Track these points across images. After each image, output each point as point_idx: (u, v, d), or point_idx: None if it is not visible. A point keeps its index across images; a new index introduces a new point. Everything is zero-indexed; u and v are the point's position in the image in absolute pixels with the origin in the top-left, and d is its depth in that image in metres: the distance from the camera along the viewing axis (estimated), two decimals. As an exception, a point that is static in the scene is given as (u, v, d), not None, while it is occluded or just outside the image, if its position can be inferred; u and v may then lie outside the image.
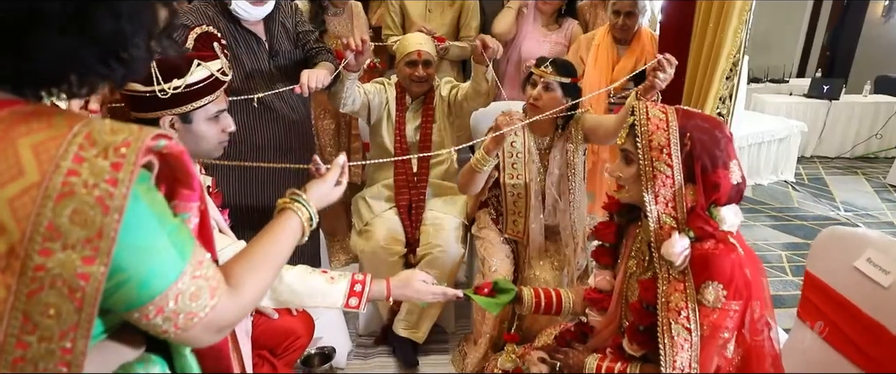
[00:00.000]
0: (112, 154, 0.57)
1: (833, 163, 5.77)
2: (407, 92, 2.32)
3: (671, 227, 1.23)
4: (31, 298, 0.56)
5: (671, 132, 1.21)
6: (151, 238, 0.63)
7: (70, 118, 0.59)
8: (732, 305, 1.18)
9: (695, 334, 1.19)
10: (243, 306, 0.77)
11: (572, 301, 1.56)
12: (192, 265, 0.67)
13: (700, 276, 1.19)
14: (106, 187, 0.56)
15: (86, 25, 0.59)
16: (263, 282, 0.83)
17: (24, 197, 0.55)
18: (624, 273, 1.40)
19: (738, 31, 1.82)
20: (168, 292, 0.64)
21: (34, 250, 0.55)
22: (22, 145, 0.56)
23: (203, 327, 0.69)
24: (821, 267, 1.44)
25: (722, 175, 1.21)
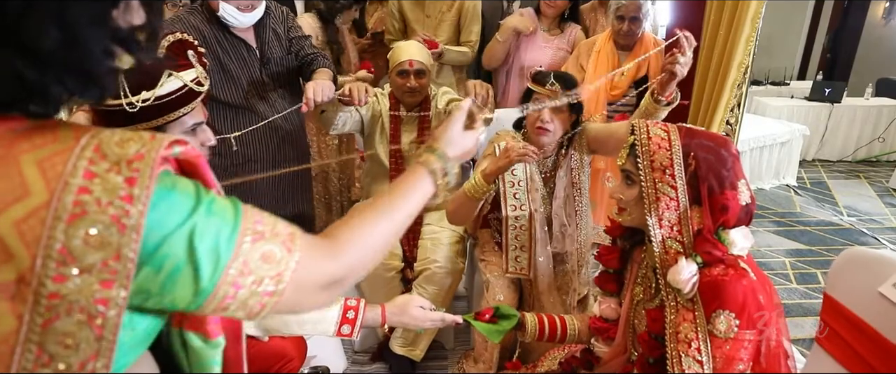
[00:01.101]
0: (125, 168, 0.52)
1: (835, 167, 5.72)
2: (401, 103, 2.24)
3: (677, 252, 1.16)
4: (46, 328, 0.50)
5: (674, 152, 1.15)
6: (189, 217, 0.56)
7: (77, 130, 0.54)
8: (746, 334, 1.10)
9: (707, 366, 1.12)
10: (350, 261, 0.69)
11: (578, 329, 1.47)
12: (246, 227, 0.60)
13: (710, 304, 1.11)
14: (121, 205, 0.51)
15: (24, 37, 0.51)
16: (375, 237, 0.73)
17: (31, 219, 0.49)
18: (630, 301, 1.32)
19: (750, 39, 1.74)
20: (232, 262, 0.58)
21: (47, 277, 0.50)
22: (25, 162, 0.51)
23: (296, 285, 0.62)
24: (841, 291, 1.36)
25: (730, 196, 1.14)
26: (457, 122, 0.96)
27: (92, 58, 0.55)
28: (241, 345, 0.75)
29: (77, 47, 0.53)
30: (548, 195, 1.90)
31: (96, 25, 0.55)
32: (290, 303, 0.63)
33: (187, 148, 0.58)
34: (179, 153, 0.57)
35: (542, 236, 1.86)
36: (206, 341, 0.69)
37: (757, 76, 6.59)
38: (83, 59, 0.54)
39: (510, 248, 1.86)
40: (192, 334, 0.68)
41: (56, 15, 0.51)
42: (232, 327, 0.74)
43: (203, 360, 0.69)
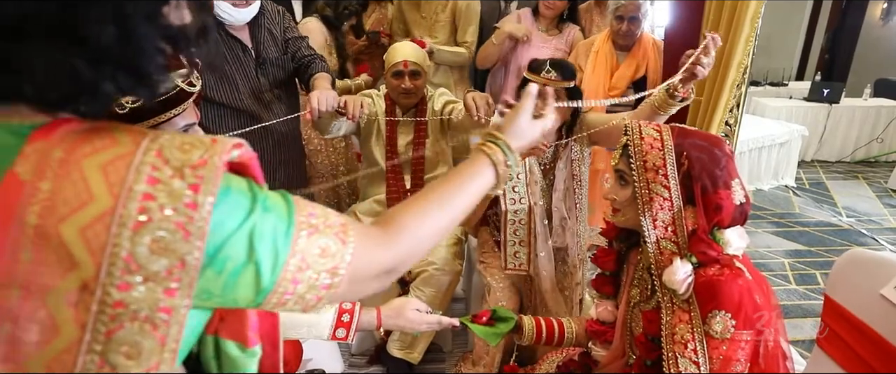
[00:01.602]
0: (189, 175, 0.51)
1: (834, 167, 5.72)
2: (397, 104, 2.22)
3: (672, 252, 1.15)
4: (110, 337, 0.49)
5: (666, 152, 1.14)
6: (248, 217, 0.55)
7: (133, 133, 0.53)
8: (743, 335, 1.09)
9: (704, 367, 1.11)
10: (403, 250, 0.68)
11: (575, 332, 1.46)
12: (301, 221, 0.59)
13: (706, 305, 1.10)
14: (186, 211, 0.50)
15: (82, 34, 0.50)
16: (430, 226, 0.72)
17: (96, 226, 0.48)
18: (626, 303, 1.31)
19: (750, 39, 1.73)
20: (291, 258, 0.57)
21: (112, 285, 0.49)
22: (88, 167, 0.50)
23: (352, 276, 0.62)
24: (842, 293, 1.35)
25: (724, 196, 1.13)
26: (524, 111, 0.92)
27: (145, 55, 0.54)
28: (279, 353, 0.73)
29: (131, 44, 0.53)
30: (547, 188, 1.88)
31: (149, 22, 0.54)
32: (344, 293, 0.63)
33: (243, 150, 0.57)
34: (237, 157, 0.56)
35: (543, 230, 1.83)
36: (243, 349, 0.67)
37: (755, 77, 6.59)
38: (136, 56, 0.54)
39: (509, 244, 1.84)
40: (229, 342, 0.67)
41: (112, 10, 0.51)
42: (270, 334, 0.72)
43: (239, 368, 0.67)
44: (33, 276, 0.48)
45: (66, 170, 0.49)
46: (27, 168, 0.49)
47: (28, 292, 0.48)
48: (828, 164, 5.81)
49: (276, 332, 0.73)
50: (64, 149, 0.50)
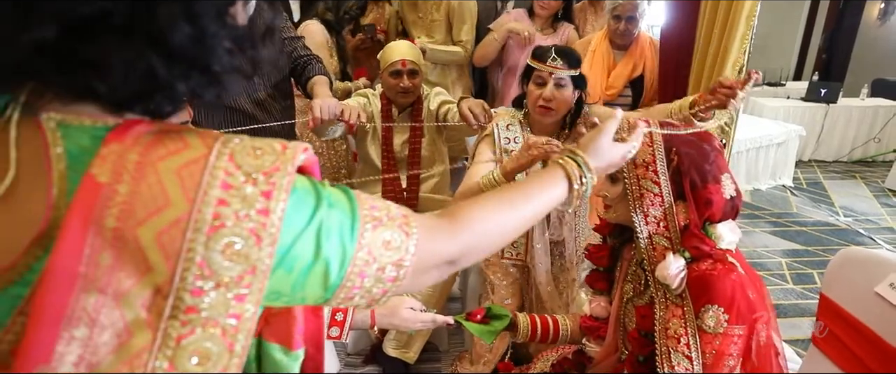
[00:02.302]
0: (262, 181, 0.52)
1: (831, 167, 5.73)
2: (393, 103, 2.21)
3: (664, 248, 1.15)
4: (180, 342, 0.49)
5: (656, 148, 1.14)
6: (314, 214, 0.56)
7: (203, 136, 0.53)
8: (735, 329, 1.10)
9: (696, 362, 1.11)
10: (465, 242, 0.69)
11: (570, 329, 1.46)
12: (364, 215, 0.60)
13: (699, 299, 1.10)
14: (258, 218, 0.51)
15: (155, 30, 0.50)
16: (495, 226, 0.73)
17: (172, 230, 0.48)
18: (620, 299, 1.31)
19: (745, 38, 1.73)
20: (356, 255, 0.58)
21: (185, 290, 0.49)
22: (164, 171, 0.50)
23: (417, 268, 0.62)
24: (838, 291, 1.35)
25: (713, 190, 1.13)
26: (607, 132, 0.93)
27: (215, 55, 0.54)
28: (322, 355, 0.72)
29: (204, 43, 0.53)
30: None
31: (218, 22, 0.54)
32: (409, 285, 0.63)
33: (309, 154, 0.58)
34: (303, 160, 0.56)
35: (540, 222, 1.81)
36: (287, 352, 0.66)
37: (753, 77, 6.59)
38: (208, 56, 0.54)
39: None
40: (273, 345, 0.66)
41: (182, 9, 0.51)
42: (314, 337, 0.71)
43: (282, 371, 0.67)
44: (110, 279, 0.48)
45: (143, 173, 0.49)
46: (104, 171, 0.49)
47: (104, 296, 0.47)
48: (825, 164, 5.82)
49: (320, 334, 0.72)
50: (139, 152, 0.50)
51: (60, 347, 0.46)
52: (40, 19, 0.47)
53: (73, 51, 0.49)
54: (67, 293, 0.47)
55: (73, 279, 0.47)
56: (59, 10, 0.47)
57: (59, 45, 0.48)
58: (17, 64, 0.49)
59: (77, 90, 0.52)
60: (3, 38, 0.48)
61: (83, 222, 0.47)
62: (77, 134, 0.52)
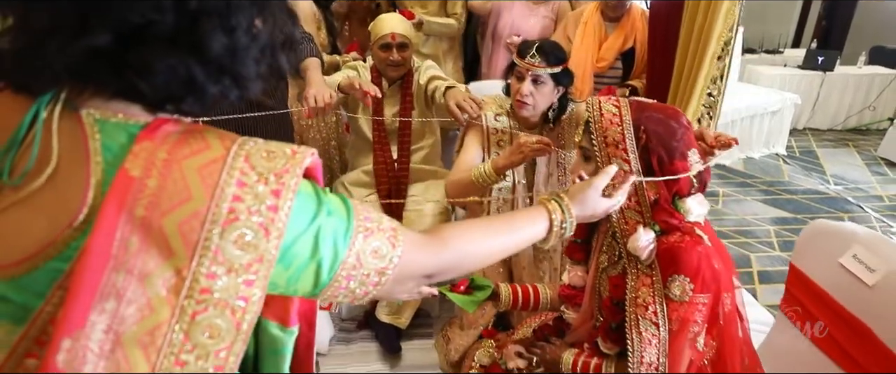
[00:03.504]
0: (273, 181, 0.58)
1: (825, 135, 5.75)
2: (383, 76, 2.23)
3: (636, 221, 1.20)
4: (194, 318, 0.56)
5: (625, 127, 1.18)
6: (314, 219, 0.63)
7: (222, 138, 0.60)
8: (700, 298, 1.15)
9: (663, 329, 1.17)
10: (447, 261, 0.77)
11: (550, 297, 1.52)
12: (358, 225, 0.66)
13: (666, 270, 1.16)
14: (268, 214, 0.58)
15: (196, 40, 0.57)
16: (476, 249, 0.82)
17: (192, 221, 0.55)
18: (596, 268, 1.37)
19: (731, 11, 1.74)
20: (346, 259, 0.65)
21: (201, 274, 0.56)
22: (188, 169, 0.57)
23: (397, 277, 0.70)
24: (806, 262, 1.41)
25: (680, 166, 1.17)
26: (596, 187, 1.03)
27: (245, 64, 0.61)
28: (314, 332, 0.79)
29: (236, 53, 0.59)
30: (531, 168, 1.89)
31: (249, 35, 0.60)
32: (388, 292, 0.71)
33: (314, 159, 0.64)
34: (310, 163, 0.63)
35: (523, 199, 1.86)
36: (283, 329, 0.73)
37: (751, 44, 6.55)
38: (239, 64, 0.60)
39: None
40: (271, 322, 0.72)
41: (220, 23, 0.57)
42: (308, 315, 0.78)
43: (278, 346, 0.73)
44: (137, 261, 0.54)
45: (169, 169, 0.56)
46: (136, 166, 0.56)
47: (131, 276, 0.54)
48: (820, 132, 5.84)
49: (313, 313, 0.78)
50: (166, 150, 0.57)
51: (93, 316, 0.53)
52: (97, 28, 0.53)
53: (122, 56, 0.55)
54: (101, 272, 0.53)
55: (106, 260, 0.53)
56: (113, 20, 0.53)
57: (110, 50, 0.54)
58: (71, 66, 0.55)
59: (119, 90, 0.58)
60: (61, 44, 0.53)
61: (117, 210, 0.54)
62: (113, 130, 0.58)
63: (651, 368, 1.20)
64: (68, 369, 0.52)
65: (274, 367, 0.74)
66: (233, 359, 0.59)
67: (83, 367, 0.53)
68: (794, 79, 5.65)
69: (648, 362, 1.20)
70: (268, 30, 0.63)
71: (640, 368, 1.20)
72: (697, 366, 1.24)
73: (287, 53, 0.66)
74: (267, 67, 0.64)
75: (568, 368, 1.36)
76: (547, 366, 1.42)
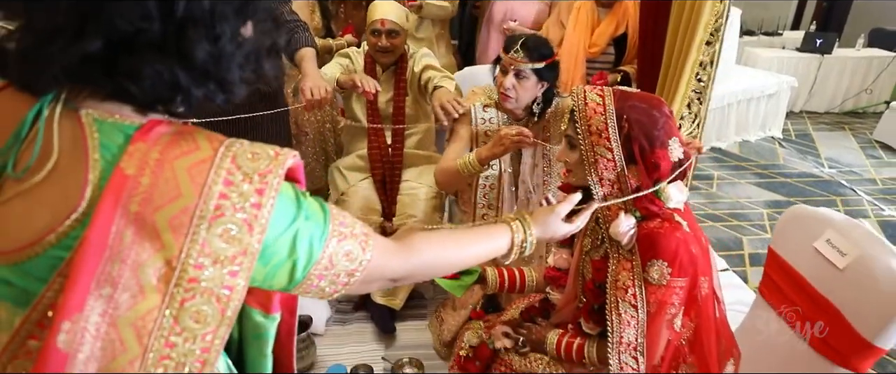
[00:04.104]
0: (257, 180, 0.63)
1: (822, 118, 5.76)
2: (376, 62, 2.27)
3: (618, 208, 1.24)
4: (183, 305, 0.61)
5: (608, 116, 1.22)
6: (293, 222, 0.67)
7: (210, 139, 0.64)
8: (677, 281, 1.21)
9: (641, 310, 1.23)
10: (412, 266, 0.83)
11: (535, 279, 1.58)
12: (333, 229, 0.71)
13: (646, 254, 1.21)
14: (252, 211, 0.62)
15: (183, 48, 0.60)
16: (441, 259, 0.89)
17: (182, 216, 0.60)
18: (580, 251, 1.42)
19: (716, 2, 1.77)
20: (320, 259, 0.69)
21: (189, 265, 0.60)
22: (178, 168, 0.61)
23: (365, 278, 0.75)
24: (783, 246, 1.46)
25: (661, 155, 1.21)
26: (559, 213, 1.11)
27: (230, 70, 0.65)
28: (295, 318, 0.85)
29: (221, 60, 0.63)
30: (516, 157, 1.93)
31: (234, 42, 0.64)
32: (356, 290, 0.76)
33: (295, 160, 0.68)
34: (291, 164, 0.67)
35: (510, 197, 1.92)
36: (265, 316, 0.78)
37: (750, 26, 6.53)
38: (224, 70, 0.64)
39: (478, 206, 1.94)
40: (254, 309, 0.78)
41: (206, 32, 0.61)
42: (288, 303, 0.83)
43: (261, 331, 0.79)
44: (131, 252, 0.59)
45: (161, 168, 0.60)
46: (131, 165, 0.60)
47: (125, 265, 0.59)
48: (816, 115, 5.85)
49: (294, 301, 0.84)
50: (159, 150, 0.61)
51: (91, 301, 0.58)
52: (90, 35, 0.57)
53: (113, 61, 0.59)
54: (98, 261, 0.58)
55: (103, 250, 0.58)
56: (105, 28, 0.57)
57: (102, 55, 0.58)
58: (66, 69, 0.59)
59: (112, 92, 0.63)
60: (58, 49, 0.58)
61: (113, 205, 0.59)
62: (111, 130, 0.62)
63: (630, 348, 1.26)
64: (68, 349, 0.57)
65: (257, 350, 0.80)
66: (218, 342, 0.64)
67: (81, 347, 0.58)
68: (791, 61, 5.65)
69: (627, 342, 1.25)
70: (253, 37, 0.67)
71: (620, 348, 1.26)
72: (675, 345, 1.29)
73: (272, 60, 0.70)
74: (252, 73, 0.68)
75: (552, 347, 1.42)
76: (533, 346, 1.48)
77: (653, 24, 2.12)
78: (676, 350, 1.30)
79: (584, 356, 1.36)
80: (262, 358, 0.81)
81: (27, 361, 0.60)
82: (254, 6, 0.66)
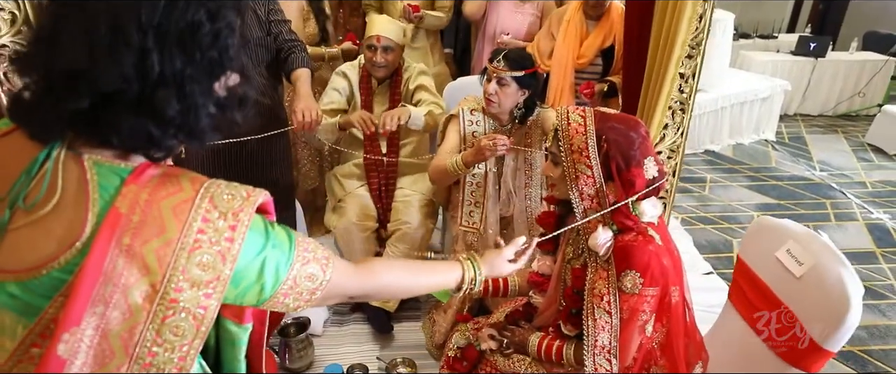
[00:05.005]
0: (230, 218, 0.74)
1: (815, 121, 5.81)
2: (371, 75, 2.36)
3: (597, 221, 1.34)
4: (164, 321, 0.72)
5: (588, 136, 1.32)
6: (262, 251, 0.78)
7: (193, 181, 0.75)
8: (648, 291, 1.31)
9: (615, 316, 1.33)
10: (368, 287, 0.97)
11: (518, 284, 1.68)
12: (298, 255, 0.82)
13: (620, 265, 1.31)
14: (225, 244, 0.73)
15: (154, 106, 0.70)
16: (394, 284, 1.03)
17: (165, 248, 0.71)
18: (562, 259, 1.52)
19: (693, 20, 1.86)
20: (285, 281, 0.81)
21: (171, 288, 0.71)
22: (164, 207, 0.72)
23: (325, 295, 0.87)
24: (749, 254, 1.55)
25: (636, 173, 1.31)
26: (504, 255, 1.26)
27: (199, 121, 0.75)
28: (264, 327, 0.97)
29: (190, 113, 0.74)
30: (500, 159, 2.09)
31: (204, 97, 0.75)
32: (315, 304, 0.88)
33: (265, 198, 0.79)
34: (261, 202, 0.78)
35: (494, 194, 2.09)
36: (238, 326, 0.89)
37: (746, 29, 6.59)
38: (193, 121, 0.75)
39: (465, 203, 2.11)
40: (227, 319, 0.88)
41: (178, 91, 0.71)
42: (260, 315, 0.95)
43: (234, 339, 0.91)
44: (122, 277, 0.70)
45: (150, 208, 0.71)
46: (124, 204, 0.71)
47: (117, 288, 0.70)
48: (810, 118, 5.90)
49: (264, 313, 0.96)
50: (148, 192, 0.72)
51: (87, 317, 0.69)
52: (78, 95, 0.68)
53: (97, 115, 0.70)
54: (94, 284, 0.69)
55: (98, 275, 0.69)
56: (90, 89, 0.68)
57: (88, 111, 0.69)
58: (59, 121, 0.71)
59: (100, 140, 0.74)
60: (50, 105, 0.69)
61: (108, 238, 0.70)
62: (107, 172, 0.74)
63: (604, 351, 1.36)
64: (67, 356, 0.68)
65: (232, 355, 0.92)
66: (193, 351, 0.76)
67: (77, 355, 0.69)
68: (785, 65, 5.71)
69: (602, 345, 1.36)
70: (223, 91, 0.78)
71: (595, 350, 1.36)
72: (646, 348, 1.40)
73: (242, 110, 0.81)
74: (222, 121, 0.79)
75: (534, 349, 1.52)
76: (516, 347, 1.58)
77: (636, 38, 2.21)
78: (648, 353, 1.40)
79: (563, 357, 1.46)
80: (236, 362, 0.93)
81: (30, 365, 0.72)
82: (224, 65, 0.76)
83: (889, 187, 4.32)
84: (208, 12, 0.72)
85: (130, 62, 0.67)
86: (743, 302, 1.53)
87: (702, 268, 3.00)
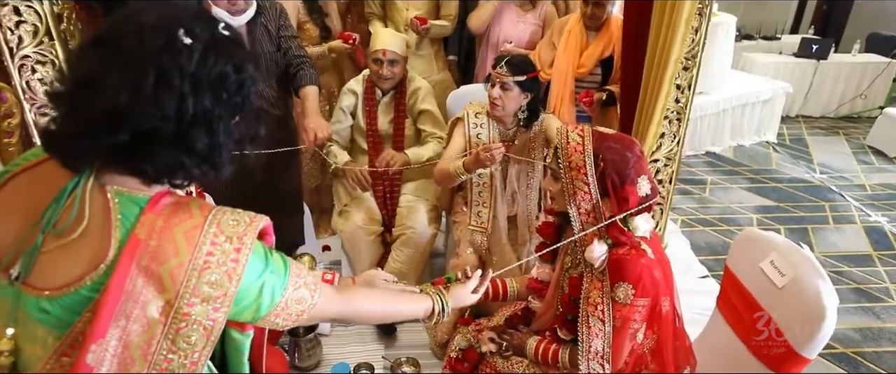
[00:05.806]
0: (236, 241, 0.84)
1: (816, 123, 5.83)
2: (377, 86, 2.44)
3: (593, 235, 1.42)
4: (178, 332, 0.82)
5: (586, 154, 1.40)
6: (262, 275, 0.88)
7: (202, 209, 0.85)
8: (640, 302, 1.39)
9: (608, 325, 1.41)
10: (345, 312, 1.08)
11: (517, 289, 1.76)
12: (291, 281, 0.93)
13: (614, 277, 1.39)
14: (231, 265, 0.83)
15: (188, 141, 0.81)
16: (370, 311, 1.16)
17: (179, 269, 0.80)
18: (561, 267, 1.60)
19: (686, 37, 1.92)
20: (278, 303, 0.91)
21: (184, 303, 0.81)
22: (177, 232, 0.81)
23: (310, 317, 0.97)
24: (737, 264, 1.63)
25: (630, 190, 1.39)
26: (468, 287, 1.37)
27: (222, 155, 0.86)
28: (264, 333, 1.08)
29: (216, 149, 0.84)
30: (505, 161, 2.19)
31: (227, 134, 0.85)
32: (302, 324, 1.00)
33: (266, 224, 0.89)
34: (262, 227, 0.88)
35: (501, 191, 2.19)
36: (241, 333, 0.99)
37: (749, 30, 6.62)
38: (217, 155, 0.85)
39: (474, 204, 2.22)
40: (233, 329, 0.97)
41: (206, 129, 0.82)
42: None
43: (238, 345, 1.00)
44: (141, 294, 0.80)
45: (164, 234, 0.81)
46: (143, 231, 0.81)
47: (137, 304, 0.80)
48: (812, 119, 5.92)
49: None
50: (163, 219, 0.82)
51: (111, 330, 0.79)
52: (119, 131, 0.78)
53: (136, 148, 0.80)
54: (117, 301, 0.79)
55: (121, 293, 0.79)
56: (131, 126, 0.78)
57: (127, 144, 0.79)
58: (93, 153, 0.81)
59: (130, 169, 0.84)
60: (95, 139, 0.78)
61: (129, 261, 0.79)
62: (127, 201, 0.84)
63: (598, 356, 1.45)
64: (94, 364, 0.78)
65: (237, 358, 1.03)
66: (203, 358, 0.86)
67: (103, 363, 0.79)
68: (787, 67, 5.73)
69: (595, 350, 1.44)
70: (240, 128, 0.89)
71: (589, 355, 1.45)
72: (637, 354, 1.48)
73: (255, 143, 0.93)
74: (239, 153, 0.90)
75: (531, 352, 1.61)
76: (515, 350, 1.67)
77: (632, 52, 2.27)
78: (639, 358, 1.49)
79: (559, 360, 1.55)
80: (241, 364, 1.03)
81: (62, 372, 0.81)
82: (244, 109, 0.88)
83: (888, 190, 4.35)
84: (234, 66, 0.83)
85: (172, 105, 0.78)
86: (730, 309, 1.61)
87: (698, 271, 3.07)
